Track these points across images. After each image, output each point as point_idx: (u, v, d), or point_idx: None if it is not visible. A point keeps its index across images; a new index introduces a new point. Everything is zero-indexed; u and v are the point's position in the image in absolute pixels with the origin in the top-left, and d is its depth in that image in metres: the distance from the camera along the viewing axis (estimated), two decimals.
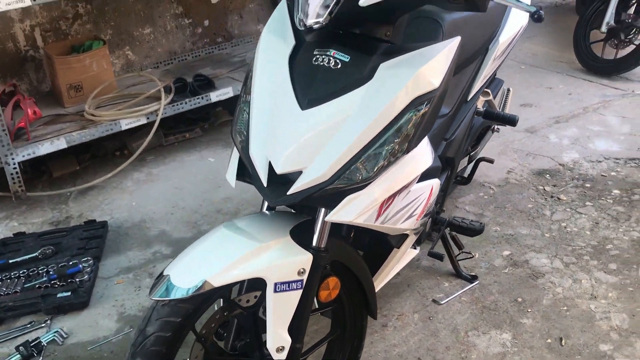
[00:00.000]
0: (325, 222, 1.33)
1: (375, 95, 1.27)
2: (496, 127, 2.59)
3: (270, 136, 1.29)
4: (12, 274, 2.36)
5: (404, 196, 1.41)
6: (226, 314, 1.42)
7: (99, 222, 2.73)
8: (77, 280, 2.31)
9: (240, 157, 1.39)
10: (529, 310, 2.08)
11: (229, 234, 1.33)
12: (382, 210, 1.35)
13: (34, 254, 2.46)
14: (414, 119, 1.29)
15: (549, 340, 1.95)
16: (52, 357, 2.02)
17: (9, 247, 2.55)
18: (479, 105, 2.17)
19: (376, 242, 1.69)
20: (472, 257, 2.27)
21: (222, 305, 1.42)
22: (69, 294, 2.25)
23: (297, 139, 1.26)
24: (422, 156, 1.39)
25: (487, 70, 2.04)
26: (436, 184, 1.59)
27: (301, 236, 1.35)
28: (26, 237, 2.63)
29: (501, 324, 2.03)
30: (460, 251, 2.21)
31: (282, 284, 1.30)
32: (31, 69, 3.43)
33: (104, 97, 3.27)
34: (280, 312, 1.32)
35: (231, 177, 1.42)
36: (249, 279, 1.31)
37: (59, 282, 2.30)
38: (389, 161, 1.29)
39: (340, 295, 1.51)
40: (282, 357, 1.37)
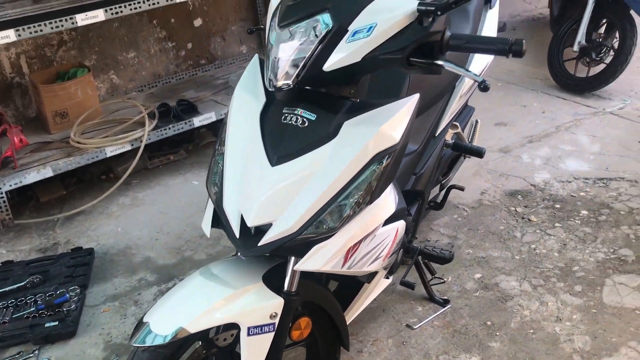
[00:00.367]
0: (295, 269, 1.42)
1: (339, 152, 1.36)
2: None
3: (242, 190, 1.38)
4: (0, 304, 2.43)
5: (370, 241, 1.51)
6: (205, 352, 1.51)
7: (86, 249, 2.81)
8: (65, 309, 2.39)
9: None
10: (497, 333, 2.18)
11: (204, 281, 1.42)
12: (349, 256, 1.45)
13: (22, 283, 2.54)
14: (377, 172, 1.39)
15: None
16: None
17: None
18: (448, 137, 2.27)
19: (348, 278, 1.79)
20: (444, 282, 2.37)
21: (201, 344, 1.51)
22: (56, 323, 2.33)
23: (267, 194, 1.35)
24: (386, 204, 1.49)
25: (454, 106, 2.14)
26: (401, 225, 1.69)
27: (273, 280, 1.45)
28: (14, 265, 2.71)
29: (471, 348, 2.13)
30: (432, 276, 2.31)
31: (255, 327, 1.39)
32: (17, 95, 3.50)
33: (89, 123, 3.34)
34: (254, 353, 1.41)
35: (206, 226, 1.51)
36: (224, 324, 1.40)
37: (46, 311, 2.38)
38: (354, 212, 1.38)
39: (312, 332, 1.60)
40: None
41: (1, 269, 2.68)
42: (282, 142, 1.39)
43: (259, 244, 1.35)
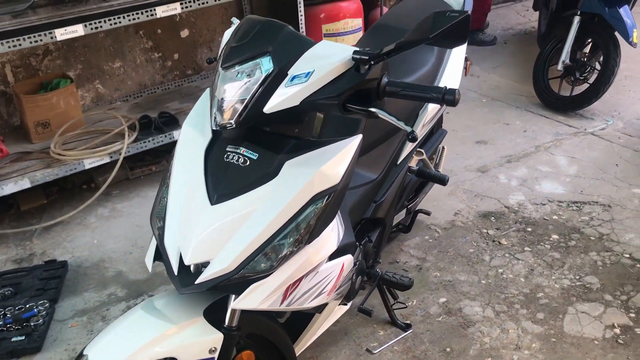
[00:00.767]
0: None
1: (279, 192, 1.38)
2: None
3: (182, 227, 1.41)
4: None
5: (311, 278, 1.53)
6: None
7: (59, 261, 2.84)
8: (32, 324, 2.42)
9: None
10: None
11: (145, 315, 1.45)
12: (288, 294, 1.47)
13: None
14: (316, 212, 1.41)
15: None
16: None
17: None
18: (413, 163, 2.29)
19: None
20: (406, 307, 2.39)
21: None
22: (23, 338, 2.36)
23: (205, 232, 1.37)
24: (327, 242, 1.51)
25: (418, 133, 2.16)
26: (348, 260, 1.71)
27: (215, 315, 1.47)
28: None
29: None
30: (394, 301, 2.33)
31: None
32: (2, 104, 3.54)
33: (71, 133, 3.38)
34: None
35: (149, 260, 1.53)
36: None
37: (14, 326, 2.41)
38: (292, 251, 1.40)
39: None
40: None
41: None
42: (222, 181, 1.41)
43: (195, 282, 1.38)
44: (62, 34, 2.84)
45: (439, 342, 2.28)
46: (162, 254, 1.45)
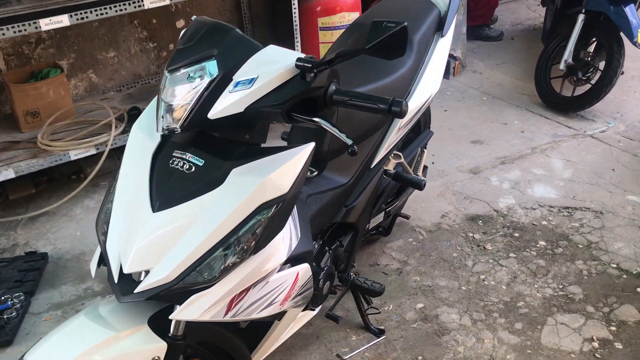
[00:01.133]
0: None
1: (223, 200, 1.34)
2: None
3: (123, 234, 1.37)
4: None
5: (260, 288, 1.49)
6: None
7: (40, 253, 2.83)
8: (5, 317, 2.41)
9: None
10: None
11: (88, 322, 1.41)
12: (233, 305, 1.43)
13: None
14: (262, 222, 1.36)
15: None
16: None
17: None
18: (391, 167, 2.23)
19: None
20: (379, 312, 2.34)
21: None
22: None
23: (145, 240, 1.33)
24: (276, 252, 1.46)
25: (392, 138, 2.10)
26: (304, 269, 1.66)
27: (160, 323, 1.44)
28: None
29: None
30: (368, 306, 2.28)
31: None
32: None
33: (60, 123, 3.36)
34: None
35: (93, 265, 1.50)
36: None
37: None
38: (235, 262, 1.36)
39: None
40: None
41: None
42: (166, 187, 1.37)
43: (134, 291, 1.34)
44: (47, 24, 2.81)
45: (411, 349, 2.23)
46: (105, 260, 1.42)
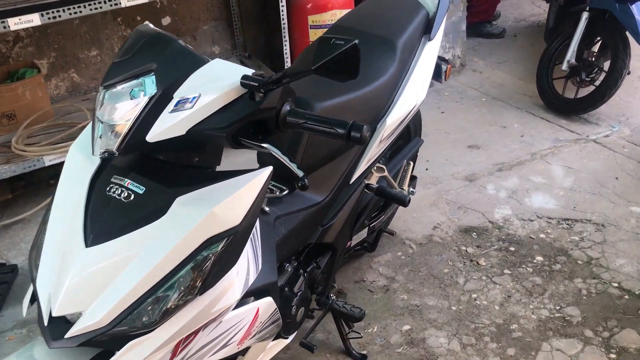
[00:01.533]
0: None
1: (165, 233, 1.19)
2: (411, 190, 2.48)
3: (55, 271, 1.22)
4: None
5: (212, 330, 1.34)
6: None
7: (9, 265, 2.70)
8: None
9: None
10: None
11: None
12: (179, 350, 1.28)
13: None
14: (210, 258, 1.21)
15: None
16: None
17: None
18: (374, 180, 2.07)
19: None
20: (361, 337, 2.18)
21: None
22: None
23: (76, 279, 1.18)
24: (229, 290, 1.30)
25: (373, 152, 1.93)
26: (266, 304, 1.50)
27: None
28: None
29: None
30: (349, 330, 2.13)
31: None
32: None
33: (37, 126, 3.21)
34: None
35: (25, 303, 1.35)
36: None
37: None
38: (179, 304, 1.21)
39: None
40: None
41: None
42: (101, 219, 1.22)
43: (65, 336, 1.19)
44: (16, 24, 2.66)
45: None
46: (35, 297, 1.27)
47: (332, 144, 1.78)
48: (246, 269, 1.37)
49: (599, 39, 3.68)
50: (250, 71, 1.16)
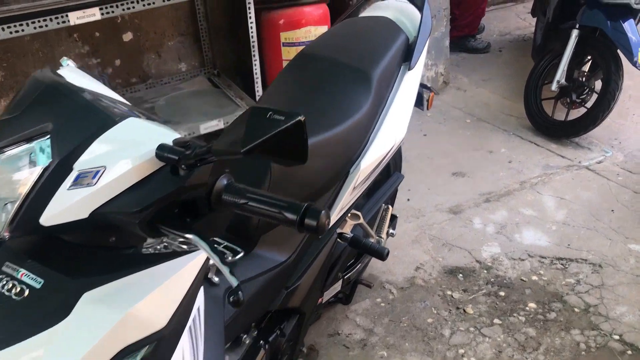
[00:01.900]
0: None
1: (68, 342, 0.91)
2: (391, 231, 2.23)
3: None
4: None
5: None
6: None
7: None
8: None
9: None
10: None
11: None
12: None
13: None
14: None
15: None
16: None
17: None
18: (348, 229, 1.81)
19: None
20: None
21: None
22: None
23: None
24: None
25: (346, 200, 1.67)
26: None
27: None
28: None
29: None
30: None
31: None
32: None
33: None
34: None
35: None
36: None
37: None
38: None
39: None
40: None
41: None
42: None
43: None
44: None
45: None
46: None
47: (297, 193, 1.52)
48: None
49: (589, 58, 3.47)
50: (173, 135, 0.90)
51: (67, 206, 0.88)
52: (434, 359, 2.13)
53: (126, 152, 0.87)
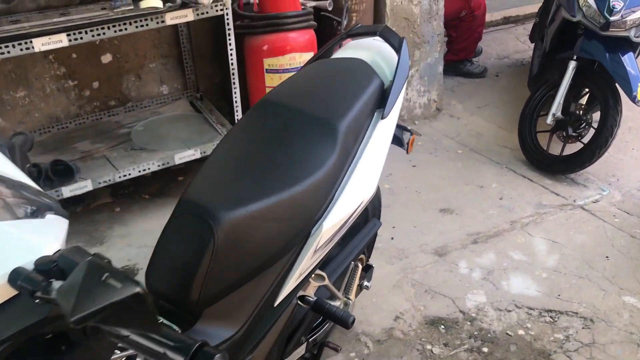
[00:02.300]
0: None
1: None
2: (365, 284, 2.07)
3: None
4: None
5: None
6: None
7: None
8: None
9: None
10: None
11: None
12: None
13: None
14: None
15: None
16: None
17: None
18: (311, 291, 1.65)
19: None
20: None
21: None
22: None
23: None
24: None
25: (306, 264, 1.52)
26: None
27: None
28: None
29: None
30: None
31: None
32: None
33: None
34: None
35: None
36: None
37: None
38: None
39: None
40: None
41: None
42: None
43: None
44: None
45: None
46: None
47: (248, 262, 1.37)
48: None
49: (587, 90, 3.32)
50: (37, 253, 0.74)
51: None
52: None
53: None
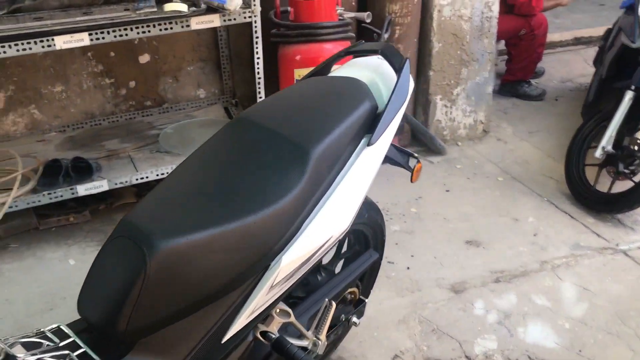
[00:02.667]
0: None
1: None
2: (354, 320, 1.93)
3: None
4: None
5: None
6: None
7: None
8: None
9: None
10: None
11: None
12: None
13: None
14: None
15: None
16: None
17: None
18: (275, 328, 1.53)
19: None
20: None
21: None
22: None
23: None
24: None
25: (259, 301, 1.39)
26: None
27: None
28: None
29: None
30: None
31: None
32: None
33: None
34: None
35: None
36: None
37: None
38: None
39: None
40: None
41: None
42: None
43: None
44: None
45: None
46: None
47: (187, 293, 1.26)
48: None
49: None
50: None
51: None
52: None
53: None
